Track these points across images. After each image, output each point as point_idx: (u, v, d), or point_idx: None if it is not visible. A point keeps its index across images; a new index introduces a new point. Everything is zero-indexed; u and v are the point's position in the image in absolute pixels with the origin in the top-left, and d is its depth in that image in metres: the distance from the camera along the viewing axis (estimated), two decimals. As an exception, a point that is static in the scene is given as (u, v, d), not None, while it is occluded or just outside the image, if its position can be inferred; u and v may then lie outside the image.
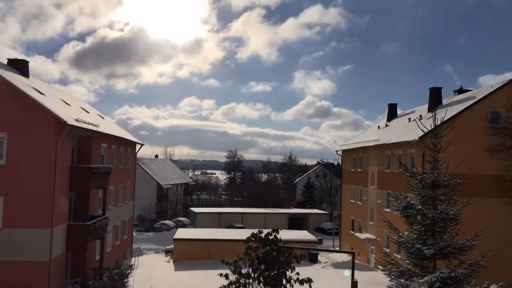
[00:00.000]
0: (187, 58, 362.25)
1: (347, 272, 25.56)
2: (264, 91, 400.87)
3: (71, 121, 21.79)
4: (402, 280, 12.40)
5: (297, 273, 11.88)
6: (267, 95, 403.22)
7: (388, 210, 30.35)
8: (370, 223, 35.82)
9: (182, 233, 40.67)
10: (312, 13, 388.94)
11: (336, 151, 46.53)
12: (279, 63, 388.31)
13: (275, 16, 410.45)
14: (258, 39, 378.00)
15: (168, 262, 37.22)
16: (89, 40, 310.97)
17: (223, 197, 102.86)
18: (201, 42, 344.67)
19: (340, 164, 49.44)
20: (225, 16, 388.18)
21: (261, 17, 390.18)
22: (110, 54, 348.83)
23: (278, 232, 12.44)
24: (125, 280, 25.77)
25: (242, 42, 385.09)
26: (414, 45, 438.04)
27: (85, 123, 24.29)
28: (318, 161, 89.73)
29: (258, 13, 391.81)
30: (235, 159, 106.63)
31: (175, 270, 33.75)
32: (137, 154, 40.29)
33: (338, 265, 33.84)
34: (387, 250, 28.58)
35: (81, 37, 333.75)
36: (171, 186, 71.63)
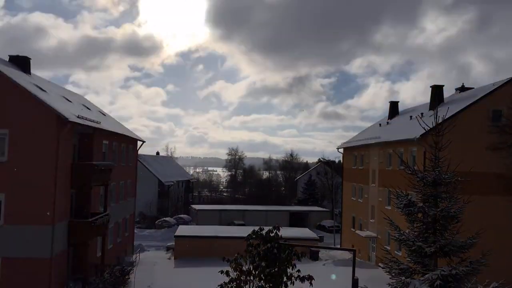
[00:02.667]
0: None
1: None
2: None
3: (72, 118, 21.80)
4: (403, 278, 12.40)
5: (298, 271, 11.85)
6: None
7: (389, 207, 30.34)
8: (371, 220, 35.82)
9: (183, 230, 40.81)
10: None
11: (337, 149, 46.49)
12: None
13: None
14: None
15: (169, 259, 37.34)
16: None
17: (224, 194, 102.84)
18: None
19: (341, 161, 49.40)
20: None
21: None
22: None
23: (279, 230, 12.38)
24: (126, 277, 25.85)
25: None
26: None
27: (86, 120, 24.29)
28: (319, 159, 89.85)
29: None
30: (236, 157, 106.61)
31: (176, 267, 33.83)
32: (138, 151, 40.35)
33: (339, 263, 33.89)
34: (388, 248, 28.49)
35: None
36: (172, 183, 71.74)
